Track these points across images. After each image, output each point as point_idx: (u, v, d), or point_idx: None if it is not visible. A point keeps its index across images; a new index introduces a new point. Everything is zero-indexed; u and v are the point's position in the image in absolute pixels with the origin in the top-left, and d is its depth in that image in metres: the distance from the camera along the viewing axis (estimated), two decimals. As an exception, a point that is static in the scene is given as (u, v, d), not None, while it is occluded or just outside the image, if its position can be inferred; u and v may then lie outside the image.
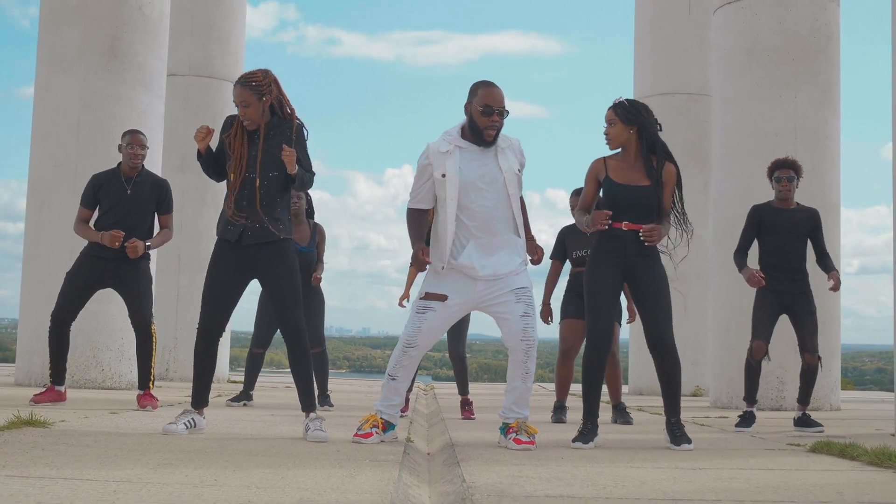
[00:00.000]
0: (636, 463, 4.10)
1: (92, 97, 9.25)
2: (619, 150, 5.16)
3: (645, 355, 12.54)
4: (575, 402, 6.62)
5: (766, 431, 6.31)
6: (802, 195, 9.17)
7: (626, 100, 5.14)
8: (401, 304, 6.88)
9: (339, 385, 12.25)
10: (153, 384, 6.76)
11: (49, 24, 9.50)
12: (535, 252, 4.96)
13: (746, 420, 6.71)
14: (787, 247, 6.79)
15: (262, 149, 5.01)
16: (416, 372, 7.02)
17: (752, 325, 6.90)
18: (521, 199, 5.00)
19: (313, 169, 5.21)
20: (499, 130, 4.86)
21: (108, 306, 8.68)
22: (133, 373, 8.93)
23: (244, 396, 7.83)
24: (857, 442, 4.58)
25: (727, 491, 3.22)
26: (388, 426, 4.87)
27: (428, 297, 4.87)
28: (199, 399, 5.06)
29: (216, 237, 5.17)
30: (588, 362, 5.03)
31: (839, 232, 9.77)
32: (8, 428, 4.45)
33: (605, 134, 5.11)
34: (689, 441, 4.89)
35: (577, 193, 7.13)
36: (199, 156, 5.12)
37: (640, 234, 4.96)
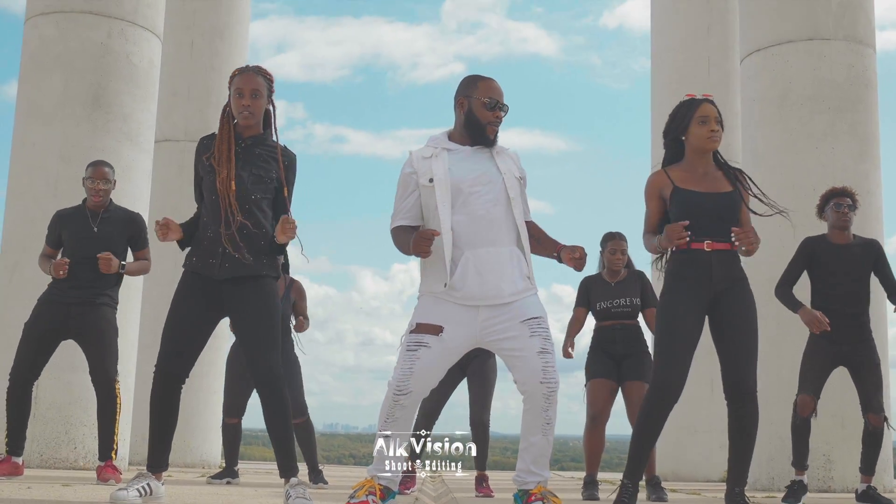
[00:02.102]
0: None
1: (72, 150, 8.54)
2: (683, 159, 4.45)
3: (668, 432, 11.61)
4: (606, 475, 5.75)
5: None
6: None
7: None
8: None
9: (341, 471, 11.35)
10: (115, 454, 5.91)
11: (29, 72, 8.85)
12: (572, 254, 4.03)
13: (795, 492, 5.87)
14: (844, 287, 5.96)
15: (250, 165, 4.28)
16: (429, 429, 6.16)
17: (800, 378, 6.09)
18: (533, 221, 4.22)
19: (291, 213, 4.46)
20: (497, 130, 4.15)
21: (82, 376, 7.79)
22: (126, 452, 8.08)
23: (228, 473, 6.97)
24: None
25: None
26: (386, 493, 4.00)
27: (419, 329, 3.98)
28: (157, 460, 4.24)
29: (183, 268, 4.41)
30: (647, 411, 4.21)
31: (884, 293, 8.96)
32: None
33: (715, 132, 4.41)
34: None
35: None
36: (182, 244, 4.37)
37: (733, 237, 4.17)
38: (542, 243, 4.19)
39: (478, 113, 4.13)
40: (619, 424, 6.44)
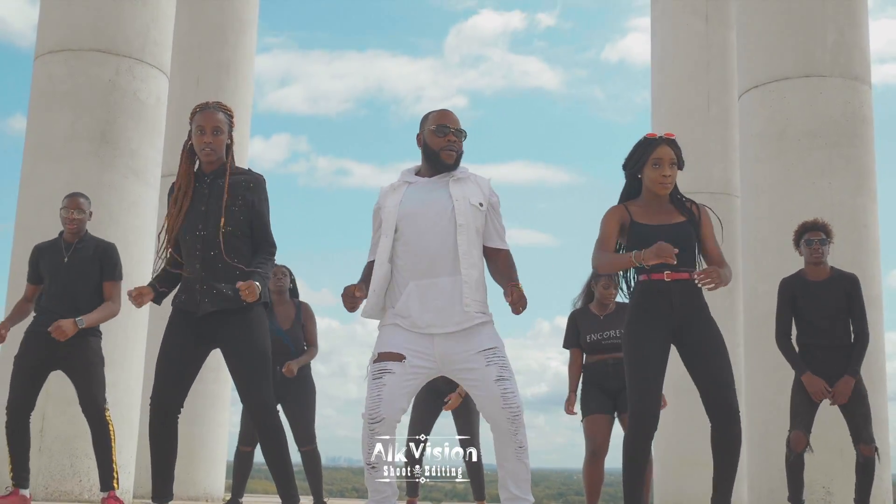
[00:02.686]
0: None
1: (80, 185, 8.62)
2: (640, 196, 4.55)
3: (671, 465, 11.68)
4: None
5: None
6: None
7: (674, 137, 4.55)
8: None
9: (347, 502, 11.40)
10: (118, 483, 5.98)
11: (38, 110, 9.01)
12: (510, 295, 4.02)
13: None
14: (826, 323, 6.03)
15: (216, 199, 4.38)
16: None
17: (791, 413, 6.16)
18: (504, 250, 4.23)
19: (272, 238, 4.55)
20: (459, 154, 4.19)
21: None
22: (131, 485, 8.15)
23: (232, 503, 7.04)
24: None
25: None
26: (387, 523, 4.10)
27: (382, 357, 4.06)
28: (161, 491, 4.34)
29: (171, 305, 4.53)
30: (630, 444, 4.30)
31: (883, 327, 9.06)
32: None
33: (667, 176, 4.46)
34: None
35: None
36: (157, 300, 4.51)
37: (696, 280, 4.27)
38: (500, 275, 4.21)
39: (430, 142, 4.22)
40: (619, 457, 6.52)
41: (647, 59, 13.68)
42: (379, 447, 4.03)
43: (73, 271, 6.05)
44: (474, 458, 6.55)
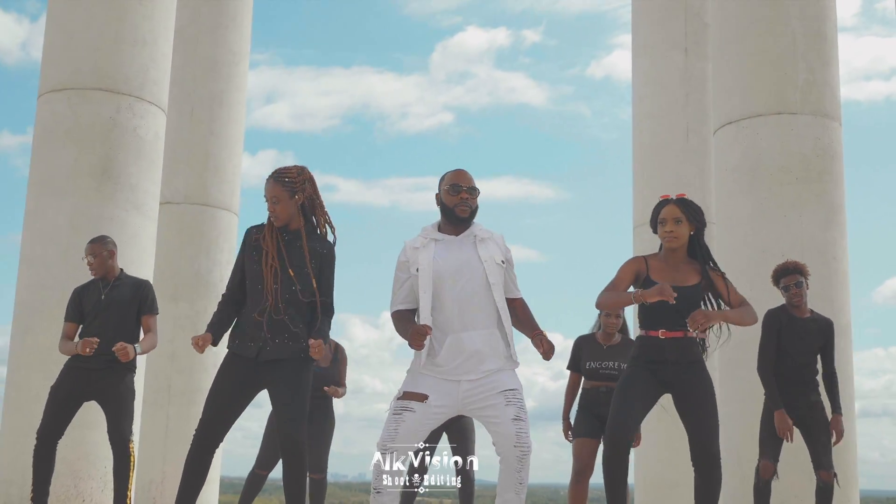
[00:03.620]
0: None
1: (82, 219, 9.04)
2: (660, 251, 4.95)
3: (653, 491, 12.07)
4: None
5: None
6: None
7: (686, 197, 4.97)
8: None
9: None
10: None
11: (40, 147, 9.37)
12: (541, 345, 4.55)
13: None
14: (800, 359, 6.45)
15: (291, 258, 4.79)
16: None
17: (760, 443, 6.58)
18: (519, 299, 4.71)
19: (332, 297, 4.95)
20: (473, 209, 4.64)
21: (91, 433, 8.29)
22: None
23: None
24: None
25: None
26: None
27: (406, 396, 4.49)
28: None
29: (227, 349, 4.91)
30: (606, 465, 4.71)
31: (852, 354, 9.47)
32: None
33: (670, 232, 4.85)
34: None
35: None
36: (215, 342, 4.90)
37: (689, 327, 4.66)
38: (522, 324, 4.70)
39: (445, 200, 4.66)
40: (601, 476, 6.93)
41: (631, 79, 14.13)
42: (387, 478, 4.46)
43: (110, 308, 6.47)
44: (469, 467, 6.96)
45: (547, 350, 4.52)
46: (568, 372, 7.07)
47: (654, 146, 13.33)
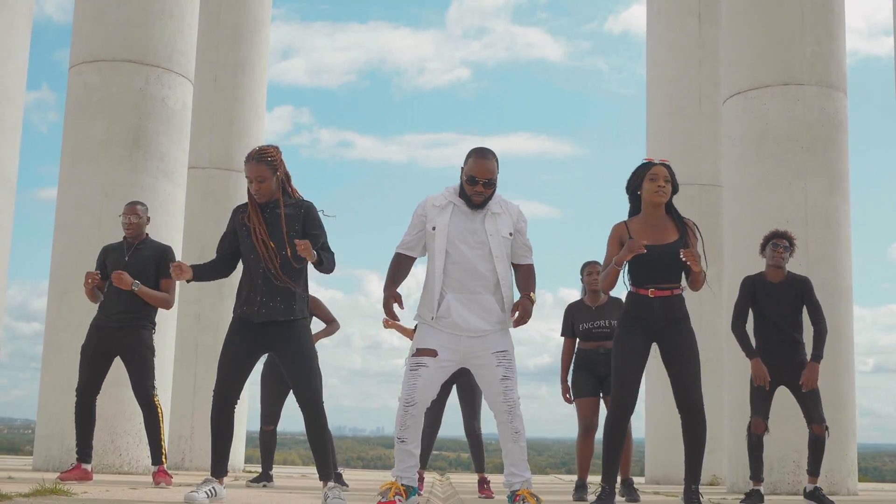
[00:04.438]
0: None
1: (114, 187, 9.45)
2: (639, 213, 5.30)
3: (661, 444, 12.52)
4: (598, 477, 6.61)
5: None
6: (816, 281, 9.24)
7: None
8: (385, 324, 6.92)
9: (353, 474, 12.19)
10: (166, 458, 6.80)
11: (73, 117, 9.76)
12: (515, 309, 4.98)
13: (752, 498, 6.72)
14: (782, 321, 6.84)
15: (273, 228, 5.15)
16: (432, 437, 7.12)
17: (751, 402, 6.99)
18: (527, 265, 5.12)
19: (331, 248, 5.34)
20: (487, 197, 5.02)
21: (126, 391, 8.68)
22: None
23: (264, 477, 7.86)
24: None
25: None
26: (409, 491, 4.93)
27: (419, 353, 4.98)
28: (219, 468, 5.14)
29: (233, 314, 5.31)
30: (610, 425, 5.12)
31: (852, 317, 9.84)
32: (33, 495, 4.52)
33: (662, 187, 5.24)
34: None
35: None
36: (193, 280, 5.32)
37: (682, 257, 5.05)
38: (519, 286, 5.13)
39: (465, 184, 5.07)
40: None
41: (646, 44, 14.40)
42: (410, 424, 4.95)
43: (132, 269, 6.88)
44: (477, 430, 7.40)
45: (516, 319, 4.98)
46: (563, 339, 7.47)
47: (668, 112, 13.63)
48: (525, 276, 5.12)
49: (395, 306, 4.99)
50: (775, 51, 9.93)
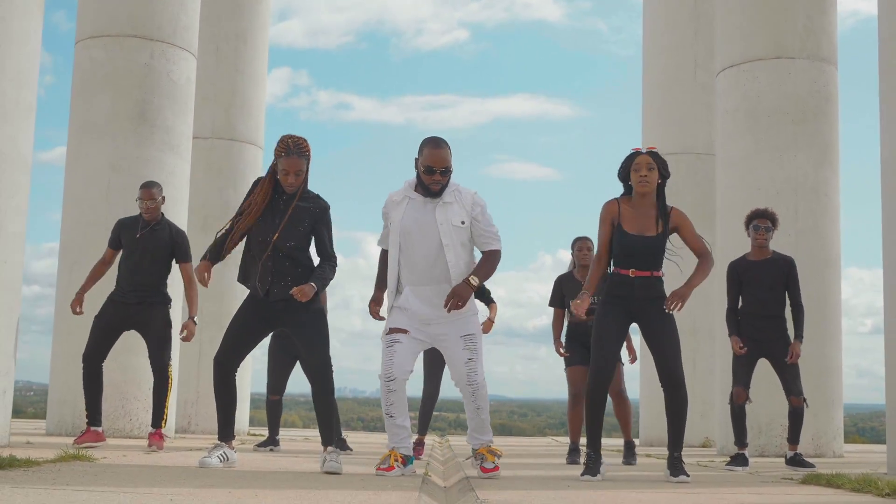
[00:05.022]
0: (636, 488, 4.43)
1: (121, 160, 9.69)
2: (632, 195, 5.52)
3: (655, 408, 12.82)
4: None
5: (765, 471, 6.58)
6: (805, 251, 9.59)
7: (656, 150, 5.55)
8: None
9: (356, 437, 12.52)
10: (165, 423, 7.11)
11: (81, 92, 9.97)
12: (452, 293, 5.17)
13: (737, 460, 7.01)
14: (764, 297, 7.14)
15: (289, 215, 5.38)
16: (430, 407, 7.49)
17: (733, 373, 7.28)
18: (490, 252, 5.33)
19: (335, 251, 5.55)
20: (443, 186, 5.24)
21: (136, 358, 9.03)
22: (173, 423, 9.36)
23: (270, 442, 8.18)
24: (843, 473, 4.89)
25: (717, 509, 3.55)
26: (407, 460, 5.22)
27: (392, 332, 5.26)
28: (226, 432, 5.42)
29: (242, 285, 5.57)
30: (591, 394, 5.37)
31: (840, 285, 10.10)
32: (58, 461, 4.81)
33: (644, 177, 5.44)
34: (687, 474, 5.20)
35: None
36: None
37: (668, 309, 5.29)
38: (475, 269, 5.35)
39: (420, 175, 5.30)
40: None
41: (642, 14, 14.57)
42: (394, 400, 5.22)
43: (144, 248, 7.17)
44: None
45: (445, 304, 5.21)
46: (551, 308, 7.73)
47: (664, 81, 13.83)
48: (483, 261, 5.34)
49: (379, 310, 5.40)
50: (767, 25, 10.13)
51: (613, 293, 5.47)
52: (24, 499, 3.02)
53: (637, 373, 14.23)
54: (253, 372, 13.25)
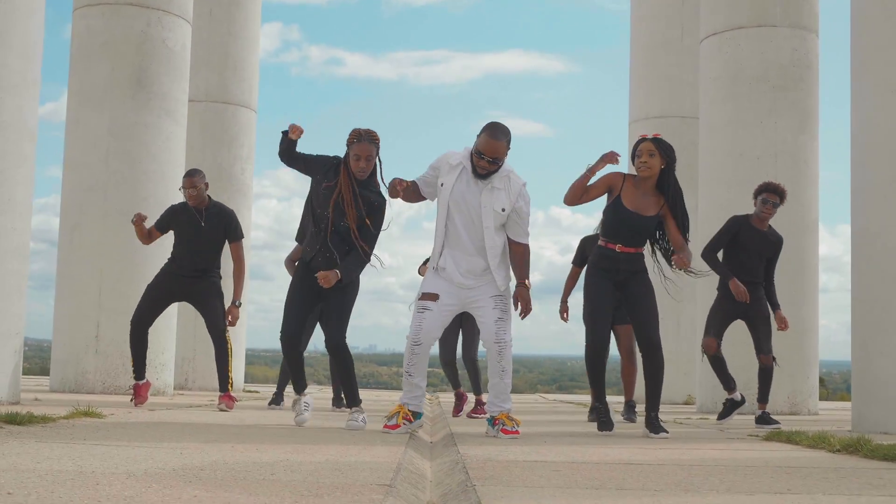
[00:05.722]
0: (608, 444, 4.77)
1: (119, 127, 9.96)
2: (636, 175, 5.81)
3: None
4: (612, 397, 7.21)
5: (735, 428, 6.93)
6: (784, 215, 9.91)
7: (661, 137, 5.82)
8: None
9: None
10: (231, 386, 7.45)
11: (79, 59, 10.21)
12: (517, 301, 5.56)
13: (728, 409, 7.35)
14: (753, 265, 7.43)
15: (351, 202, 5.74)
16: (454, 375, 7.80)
17: (706, 325, 7.58)
18: (522, 245, 5.58)
19: (374, 244, 5.90)
20: (491, 173, 5.47)
21: (158, 321, 9.31)
22: (171, 380, 9.75)
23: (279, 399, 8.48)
24: (802, 430, 5.25)
25: (676, 461, 3.88)
26: (415, 415, 5.53)
27: (424, 297, 5.54)
28: (299, 385, 6.01)
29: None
30: (590, 358, 5.74)
31: (817, 249, 10.42)
32: (70, 417, 5.14)
33: (644, 163, 5.70)
34: (666, 431, 5.56)
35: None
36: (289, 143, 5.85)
37: (677, 266, 5.60)
38: (515, 269, 5.66)
39: (473, 157, 5.54)
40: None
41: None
42: (416, 361, 5.54)
43: (206, 233, 7.46)
44: (474, 359, 8.12)
45: (521, 311, 5.58)
46: (571, 266, 8.01)
47: (651, 46, 14.08)
48: (519, 259, 5.61)
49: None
50: (751, -7, 10.38)
51: (599, 265, 5.79)
52: (49, 451, 3.34)
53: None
54: (247, 328, 13.58)
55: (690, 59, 13.69)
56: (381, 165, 5.85)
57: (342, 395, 8.59)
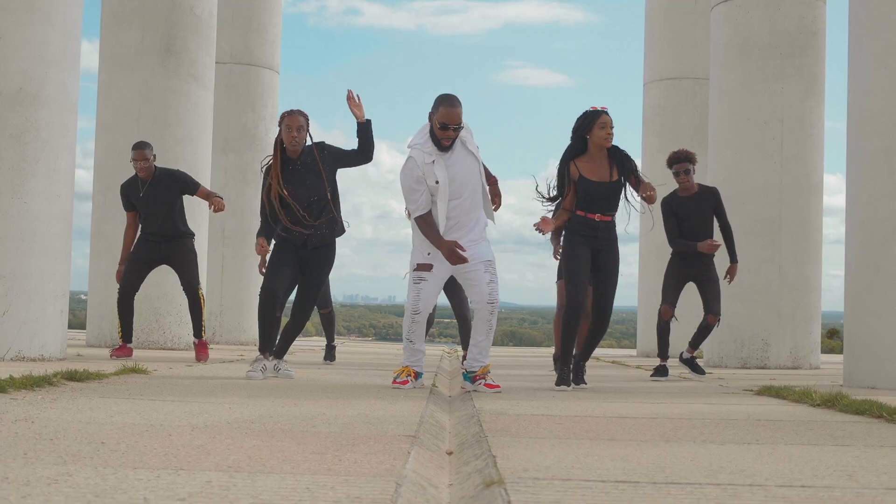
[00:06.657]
0: (610, 400, 5.23)
1: (150, 91, 10.40)
2: (584, 153, 6.24)
3: (652, 322, 13.65)
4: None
5: (736, 381, 7.36)
6: (789, 177, 10.32)
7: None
8: None
9: (368, 347, 13.38)
10: (205, 332, 7.99)
11: (109, 26, 10.63)
12: (494, 196, 6.08)
13: (660, 371, 7.77)
14: (694, 228, 7.78)
15: (304, 176, 6.18)
16: (466, 331, 8.24)
17: (662, 292, 7.96)
18: (488, 172, 6.07)
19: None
20: (454, 140, 5.85)
21: (167, 277, 9.82)
22: (190, 335, 10.19)
23: (328, 352, 9.04)
24: (790, 386, 5.69)
25: (667, 414, 4.32)
26: (418, 375, 5.99)
27: (419, 268, 5.92)
28: (266, 345, 6.32)
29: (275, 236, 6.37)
30: (567, 320, 6.17)
31: (821, 210, 10.79)
32: (120, 373, 5.63)
33: (610, 134, 6.17)
34: (585, 382, 6.31)
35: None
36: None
37: (643, 197, 6.05)
38: (487, 179, 6.12)
39: (435, 131, 5.89)
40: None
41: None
42: (416, 329, 5.97)
43: (154, 201, 7.92)
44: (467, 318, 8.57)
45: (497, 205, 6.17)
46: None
47: (666, 9, 14.39)
48: (493, 187, 6.14)
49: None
50: (761, -39, 10.67)
51: (578, 233, 6.23)
52: (116, 407, 3.82)
53: (636, 283, 15.04)
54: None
55: (703, 22, 13.95)
56: (309, 131, 6.22)
57: (333, 346, 9.18)
